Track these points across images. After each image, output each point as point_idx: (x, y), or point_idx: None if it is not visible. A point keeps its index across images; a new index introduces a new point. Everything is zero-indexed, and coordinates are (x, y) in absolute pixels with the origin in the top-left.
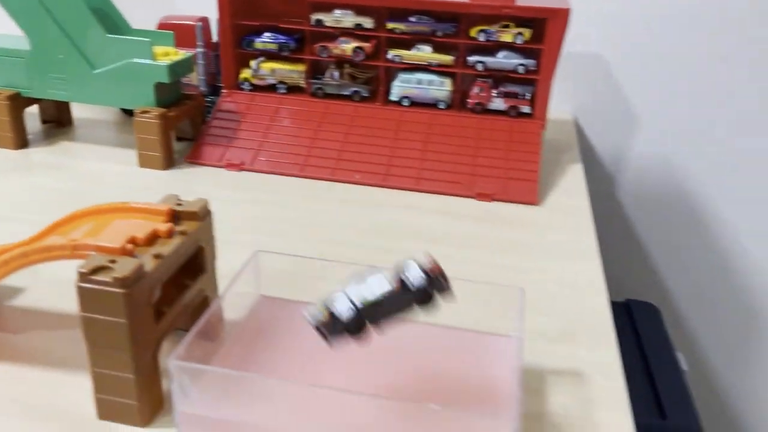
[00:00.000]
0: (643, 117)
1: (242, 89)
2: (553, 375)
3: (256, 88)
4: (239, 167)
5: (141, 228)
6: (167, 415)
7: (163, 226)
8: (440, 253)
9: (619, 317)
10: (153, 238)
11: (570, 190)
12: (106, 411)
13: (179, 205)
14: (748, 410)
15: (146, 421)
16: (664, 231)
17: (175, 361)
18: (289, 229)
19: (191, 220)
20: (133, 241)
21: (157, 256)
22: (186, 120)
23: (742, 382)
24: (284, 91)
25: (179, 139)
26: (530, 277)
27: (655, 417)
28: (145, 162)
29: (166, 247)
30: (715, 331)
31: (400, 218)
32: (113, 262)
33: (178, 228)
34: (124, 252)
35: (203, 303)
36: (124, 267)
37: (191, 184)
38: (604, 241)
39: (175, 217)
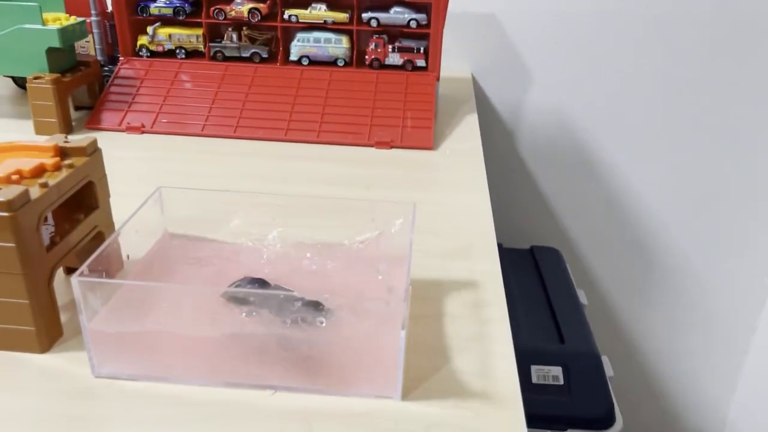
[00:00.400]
0: (535, 72)
1: (140, 56)
2: (445, 284)
3: (154, 54)
4: (140, 130)
5: (29, 164)
6: (67, 341)
7: (51, 160)
8: (341, 193)
9: (524, 262)
10: (40, 171)
11: (464, 136)
12: (3, 340)
13: (66, 142)
14: (641, 336)
15: (45, 348)
16: (562, 179)
17: (77, 278)
18: (192, 182)
19: (79, 156)
20: (18, 173)
21: (43, 185)
22: (83, 87)
23: (635, 312)
24: (183, 56)
25: (77, 108)
26: (426, 208)
27: (555, 342)
28: (41, 129)
29: (52, 179)
30: (611, 268)
31: (303, 167)
32: None
33: (66, 162)
34: (9, 181)
35: (98, 239)
36: (9, 192)
37: None
38: (507, 194)
39: (63, 153)
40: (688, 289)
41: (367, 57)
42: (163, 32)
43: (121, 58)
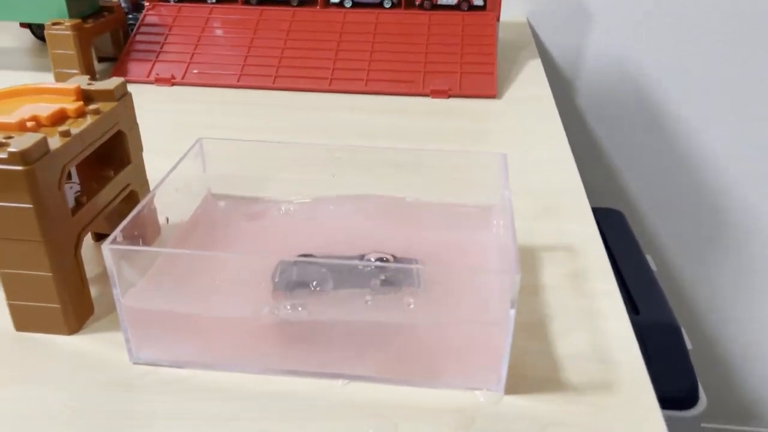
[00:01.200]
0: (595, 16)
1: (167, 1)
2: (537, 250)
3: None
4: (170, 82)
5: (48, 109)
6: (99, 320)
7: (73, 105)
8: (397, 147)
9: None
10: (60, 117)
11: (530, 82)
12: (25, 320)
13: (90, 84)
14: (713, 305)
15: (74, 329)
16: (623, 134)
17: (109, 246)
18: (230, 136)
19: (106, 100)
20: (35, 119)
21: (64, 134)
22: (106, 36)
23: (707, 278)
24: (214, 0)
25: (101, 60)
26: None
27: (629, 313)
28: (62, 81)
29: (75, 126)
30: (677, 231)
31: (350, 120)
32: (10, 138)
33: (90, 107)
34: (23, 128)
35: (131, 200)
36: (24, 142)
37: None
38: None
39: (87, 97)
40: (762, 252)
41: None
42: None
43: (146, 4)
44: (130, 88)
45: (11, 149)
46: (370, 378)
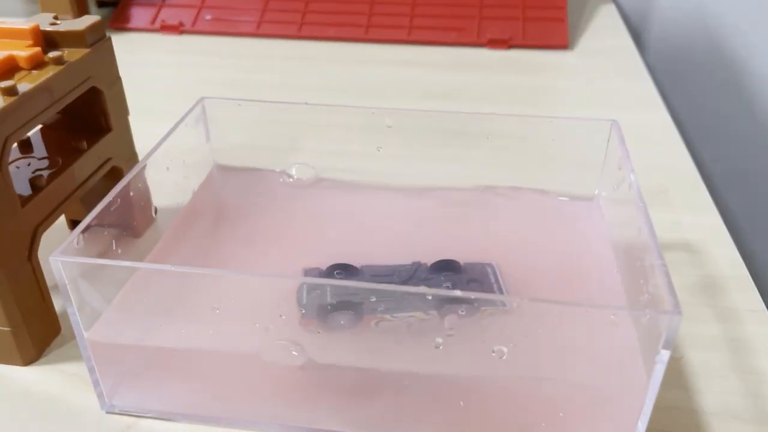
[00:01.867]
0: None
1: None
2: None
3: None
4: (178, 30)
5: None
6: (67, 342)
7: (26, 52)
8: (449, 109)
9: None
10: (6, 69)
11: (606, 30)
12: None
13: (55, 24)
14: None
15: (31, 358)
16: (699, 94)
17: (57, 258)
18: (246, 94)
19: (74, 46)
20: None
21: (8, 92)
22: None
23: None
24: None
25: (100, 4)
26: None
27: None
28: None
29: (27, 81)
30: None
31: (391, 75)
32: None
33: (52, 55)
34: None
35: (115, 177)
36: None
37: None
38: None
39: (49, 41)
40: None
41: None
42: None
43: None
44: (133, 37)
45: None
46: None
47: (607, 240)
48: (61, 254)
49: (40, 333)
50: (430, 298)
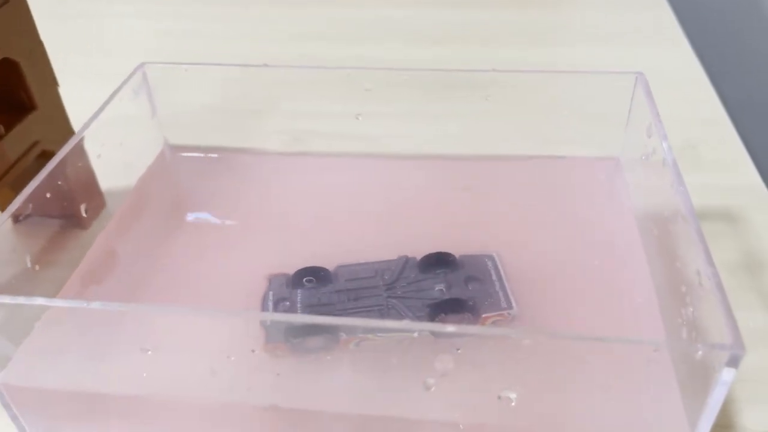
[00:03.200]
0: None
1: None
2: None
3: None
4: None
5: None
6: None
7: None
8: (432, 58)
9: None
10: None
11: None
12: None
13: None
14: None
15: None
16: (726, 39)
17: None
18: (202, 52)
19: None
20: None
21: None
22: None
23: None
24: None
25: None
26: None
27: None
28: None
29: None
30: None
31: (379, 17)
32: None
33: None
34: None
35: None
36: None
37: (38, 5)
38: None
39: None
40: None
41: None
42: None
43: None
44: None
45: None
46: None
47: (632, 221)
48: None
49: None
50: (428, 307)
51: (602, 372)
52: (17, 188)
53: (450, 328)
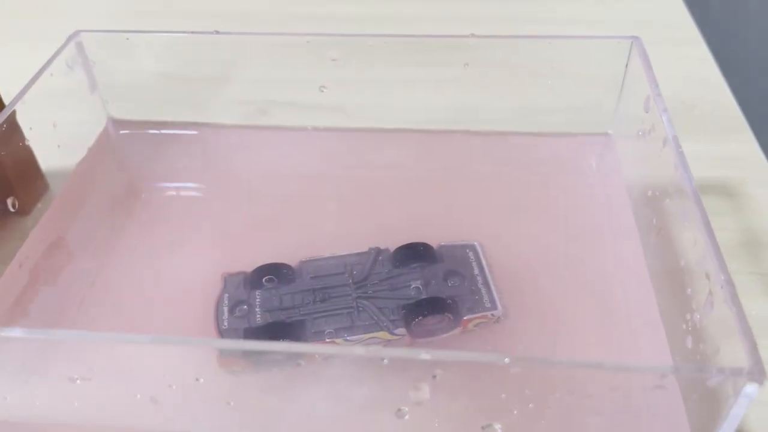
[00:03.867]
0: None
1: None
2: None
3: None
4: None
5: None
6: None
7: None
8: (418, 15)
9: None
10: None
11: None
12: None
13: None
14: None
15: None
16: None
17: None
18: (150, 21)
19: None
20: None
21: None
22: None
23: None
24: None
25: None
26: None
27: None
28: None
29: None
30: None
31: None
32: None
33: None
34: None
35: None
36: None
37: None
38: None
39: None
40: None
41: None
42: None
43: None
44: None
45: None
46: None
47: (626, 206)
48: None
49: None
50: (402, 309)
51: (596, 398)
52: None
53: (425, 355)
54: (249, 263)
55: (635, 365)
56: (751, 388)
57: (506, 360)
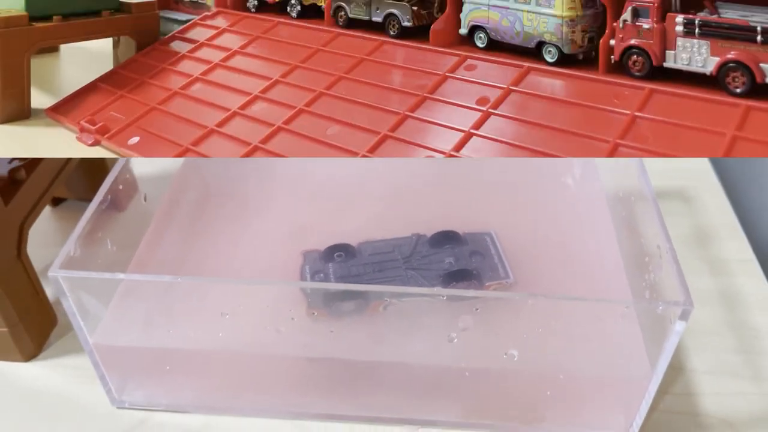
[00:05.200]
0: None
1: None
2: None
3: None
4: None
5: None
6: (67, 334)
7: None
8: None
9: None
10: None
11: None
12: None
13: None
14: None
15: (31, 353)
16: None
17: (57, 273)
18: None
19: None
20: None
21: None
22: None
23: None
24: None
25: None
26: None
27: None
28: None
29: None
30: None
31: None
32: None
33: None
34: None
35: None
36: None
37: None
38: None
39: None
40: None
41: None
42: None
43: None
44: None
45: None
46: (452, 423)
47: (603, 204)
48: (62, 268)
49: (37, 328)
50: (440, 277)
51: (582, 325)
52: (71, 181)
53: (471, 292)
54: (318, 245)
55: (607, 299)
56: (685, 312)
57: (524, 296)
